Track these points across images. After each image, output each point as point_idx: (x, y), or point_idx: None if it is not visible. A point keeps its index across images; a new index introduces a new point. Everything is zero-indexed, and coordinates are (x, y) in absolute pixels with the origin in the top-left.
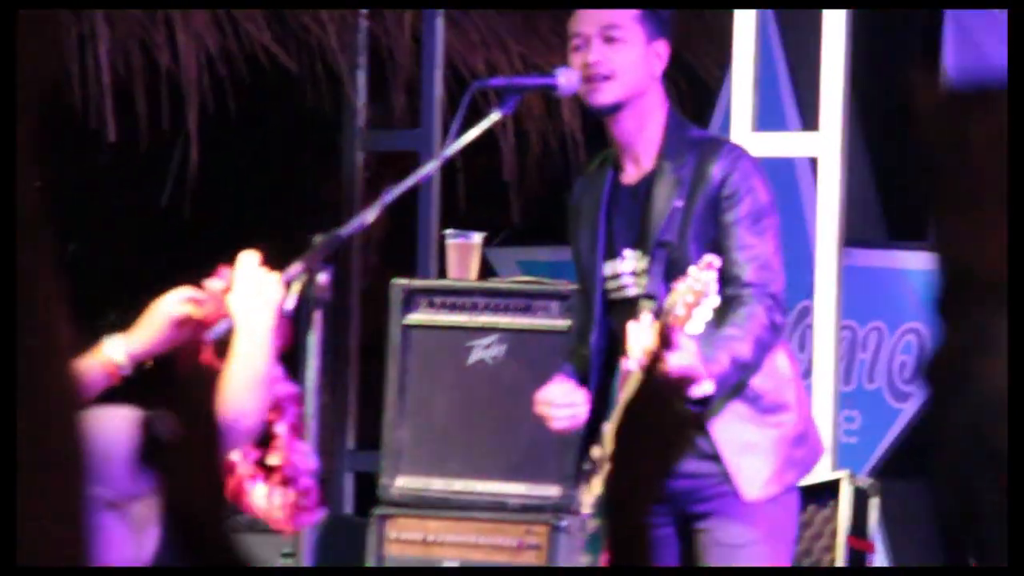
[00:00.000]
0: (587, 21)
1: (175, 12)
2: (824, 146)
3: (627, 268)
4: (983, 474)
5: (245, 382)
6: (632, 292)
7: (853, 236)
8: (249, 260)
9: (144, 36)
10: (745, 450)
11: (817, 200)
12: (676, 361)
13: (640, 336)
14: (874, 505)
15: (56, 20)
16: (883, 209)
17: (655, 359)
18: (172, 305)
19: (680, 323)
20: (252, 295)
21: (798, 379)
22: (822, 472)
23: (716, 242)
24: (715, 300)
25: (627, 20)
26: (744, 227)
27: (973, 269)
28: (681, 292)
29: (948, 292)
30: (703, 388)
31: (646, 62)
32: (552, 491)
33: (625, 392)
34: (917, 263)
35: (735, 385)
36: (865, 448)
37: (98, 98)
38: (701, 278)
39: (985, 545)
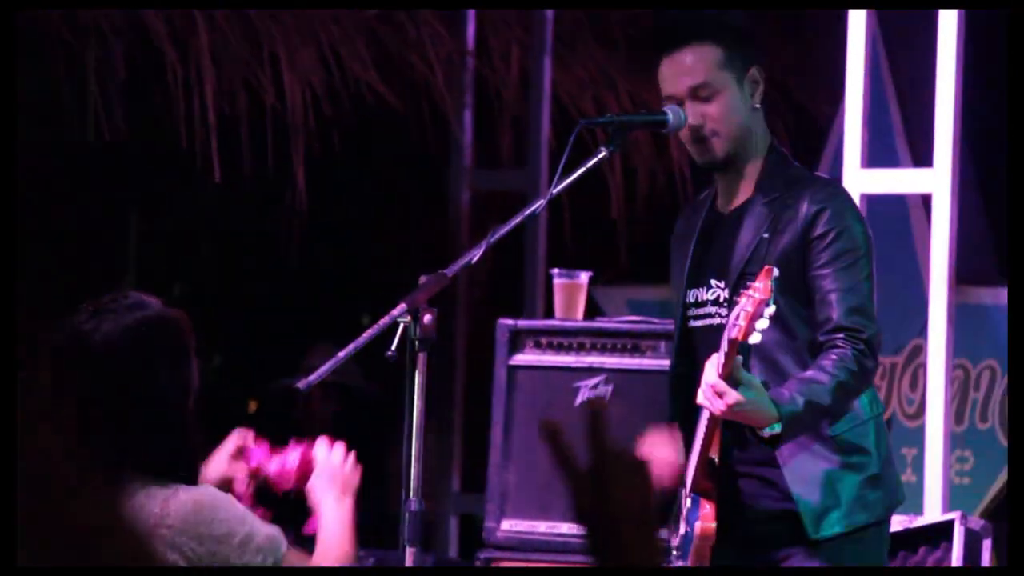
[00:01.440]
0: (674, 84)
1: (280, 51)
2: (937, 182)
3: (711, 296)
4: None
5: (339, 555)
6: (716, 321)
7: (966, 274)
8: (335, 455)
9: (249, 76)
10: (812, 487)
11: (930, 237)
12: (733, 399)
13: (709, 370)
14: (987, 547)
15: None
16: (995, 246)
17: (719, 395)
18: (234, 454)
19: (741, 335)
20: (335, 486)
21: (878, 421)
22: (934, 513)
23: (808, 282)
24: (772, 308)
25: (712, 72)
26: (836, 268)
27: None
28: (741, 304)
29: None
30: (772, 428)
31: (744, 102)
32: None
33: (700, 432)
34: None
35: (808, 427)
36: (978, 489)
37: (204, 138)
38: (759, 287)
39: None
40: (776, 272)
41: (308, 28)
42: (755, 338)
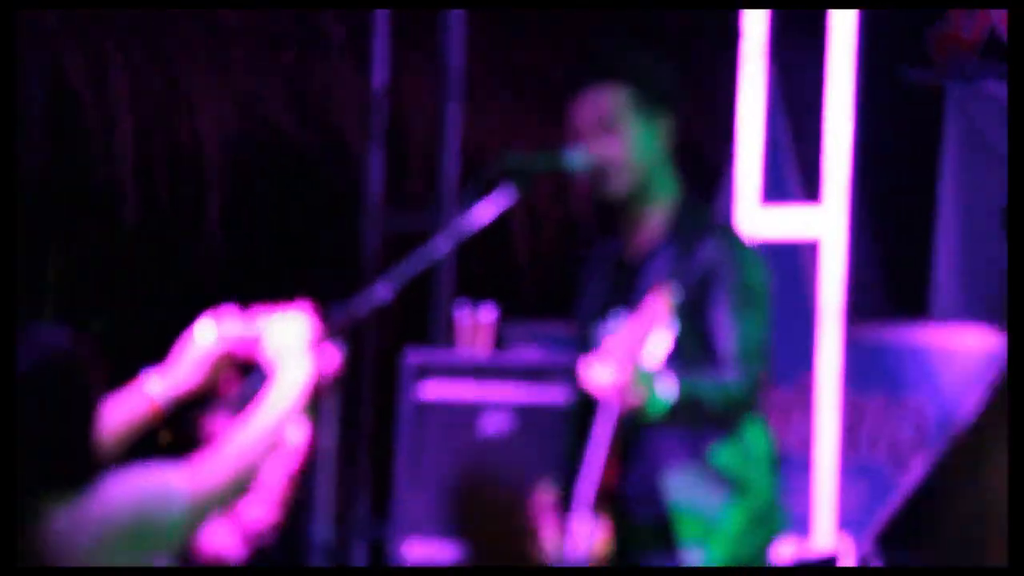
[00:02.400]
0: (581, 115)
1: (197, 96)
2: (827, 221)
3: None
4: None
5: (264, 433)
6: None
7: (856, 310)
8: (297, 311)
9: (165, 120)
10: (696, 523)
11: (820, 274)
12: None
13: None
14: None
15: None
16: (885, 283)
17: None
18: (207, 342)
19: (638, 347)
20: (295, 342)
21: (770, 456)
22: (825, 539)
23: (705, 322)
24: (674, 326)
25: (619, 108)
26: (733, 309)
27: None
28: (639, 317)
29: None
30: (658, 403)
31: (649, 142)
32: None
33: (597, 453)
34: (918, 339)
35: (690, 416)
36: (867, 517)
37: (121, 178)
38: (660, 302)
39: None
40: (677, 292)
41: (223, 69)
42: (654, 356)
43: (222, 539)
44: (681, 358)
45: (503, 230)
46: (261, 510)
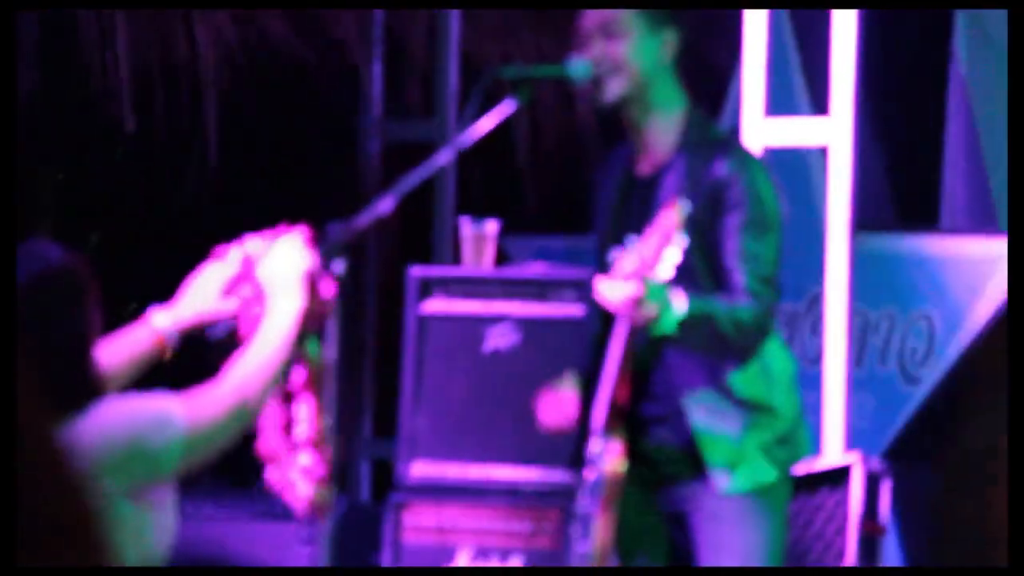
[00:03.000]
0: (587, 17)
1: (193, 8)
2: (834, 132)
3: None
4: None
5: (261, 366)
6: None
7: (864, 220)
8: (292, 236)
9: (162, 30)
10: (721, 446)
11: (828, 186)
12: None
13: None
14: (886, 487)
15: None
16: (893, 193)
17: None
18: (215, 274)
19: (650, 264)
20: (288, 272)
21: (789, 379)
22: (834, 456)
23: (716, 244)
24: (684, 240)
25: (624, 13)
26: (745, 234)
27: None
28: (650, 234)
29: None
30: (670, 308)
31: (650, 52)
32: (565, 476)
33: (609, 374)
34: (927, 248)
35: (705, 334)
36: (877, 432)
37: (117, 90)
38: (670, 217)
39: None
40: (686, 207)
41: None
42: (666, 272)
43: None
44: (690, 276)
45: (505, 141)
46: (310, 457)
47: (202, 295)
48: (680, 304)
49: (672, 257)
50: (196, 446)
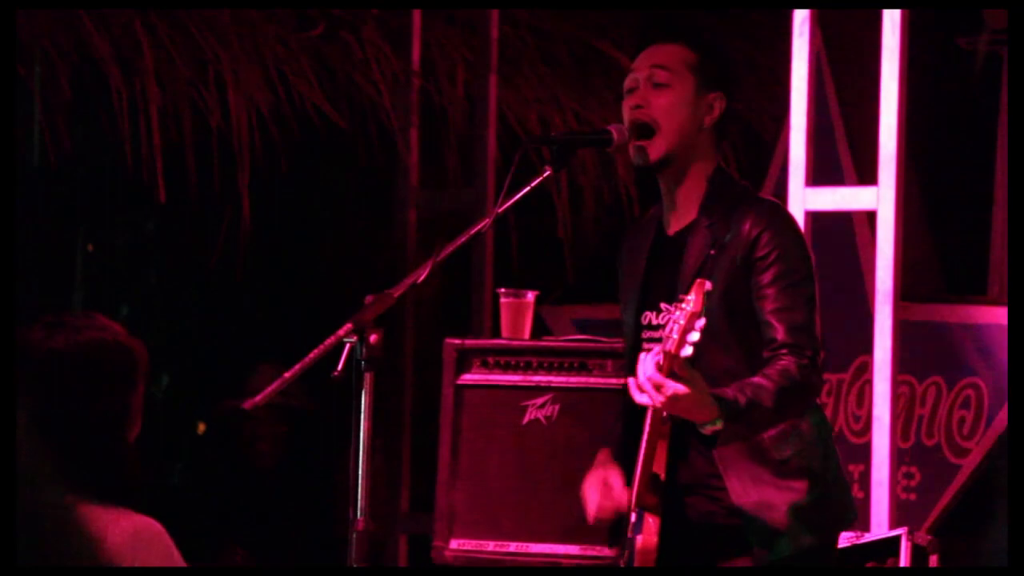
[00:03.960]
0: (640, 63)
1: (225, 71)
2: (881, 200)
3: (663, 321)
4: None
5: None
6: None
7: (911, 290)
8: None
9: (195, 96)
10: (760, 511)
11: (875, 254)
12: (672, 390)
13: (647, 364)
14: (933, 562)
15: None
16: (941, 263)
17: (657, 388)
18: None
19: (675, 348)
20: None
21: (826, 443)
22: (880, 529)
23: (751, 303)
24: (703, 321)
25: (678, 64)
26: (778, 288)
27: None
28: (674, 317)
29: None
30: (713, 424)
31: (695, 112)
32: (606, 551)
33: (643, 445)
34: (975, 317)
35: (749, 426)
36: (924, 504)
37: (149, 159)
38: (691, 299)
39: None
40: (708, 286)
41: (253, 48)
42: (687, 351)
43: None
44: (715, 337)
45: (543, 210)
46: None
47: None
48: (722, 411)
49: (693, 338)
50: None
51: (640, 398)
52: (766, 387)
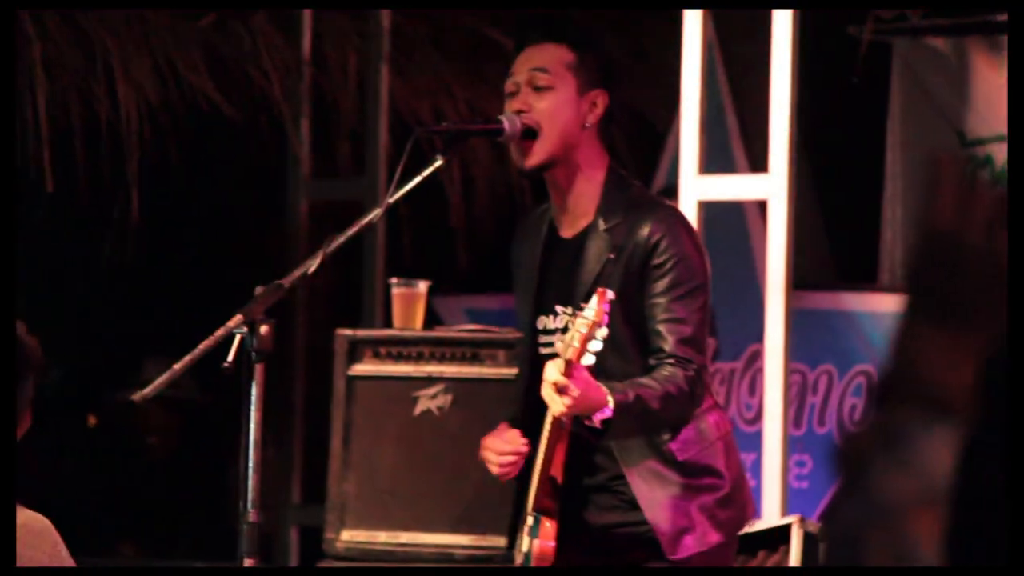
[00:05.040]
0: (519, 67)
1: (115, 62)
2: (773, 188)
3: (559, 325)
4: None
5: None
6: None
7: (802, 279)
8: None
9: (83, 87)
10: (665, 511)
11: (767, 243)
12: (576, 392)
13: (551, 370)
14: (824, 550)
15: None
16: (832, 251)
17: (561, 392)
18: None
19: (576, 356)
20: None
21: (727, 441)
22: (772, 517)
23: (642, 309)
24: (605, 331)
25: (557, 66)
26: (670, 299)
27: (924, 381)
28: (576, 326)
29: (889, 385)
30: (602, 412)
31: (577, 112)
32: (499, 541)
33: (540, 449)
34: (866, 305)
35: (636, 422)
36: (816, 492)
37: (37, 149)
38: (593, 309)
39: None
40: (611, 295)
41: (143, 37)
42: (587, 359)
43: None
44: (614, 345)
45: (435, 200)
46: None
47: None
48: (616, 410)
49: (594, 347)
50: None
51: (548, 400)
52: (653, 388)
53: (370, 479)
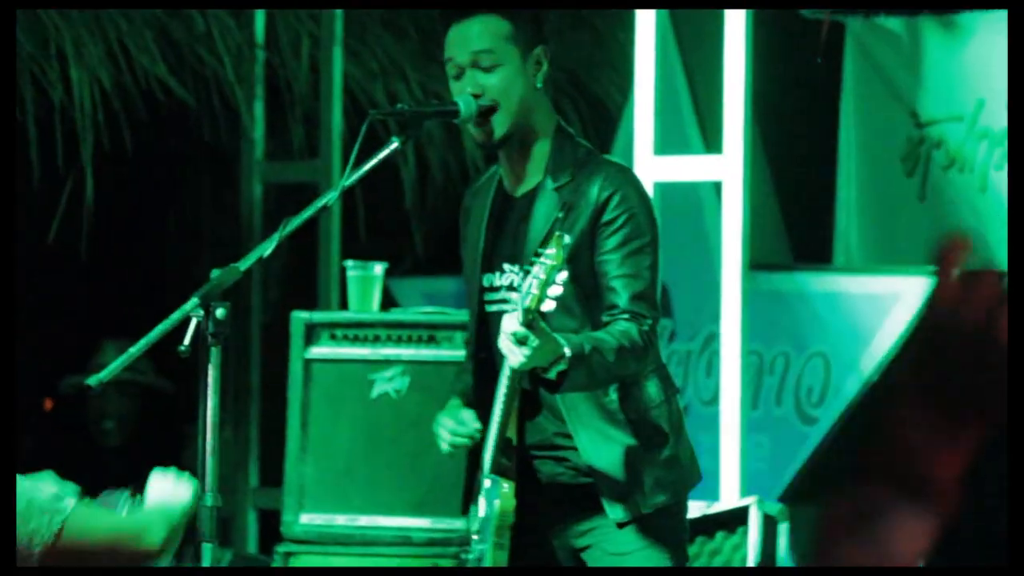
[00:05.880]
0: (459, 50)
1: (68, 46)
2: (727, 169)
3: (505, 282)
4: None
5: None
6: (511, 307)
7: (758, 259)
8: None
9: (36, 71)
10: (611, 471)
11: (722, 224)
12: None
13: (508, 321)
14: (783, 531)
15: None
16: (788, 231)
17: (520, 343)
18: None
19: (535, 303)
20: (163, 509)
21: (672, 404)
22: (731, 499)
23: (594, 265)
24: (565, 274)
25: (497, 42)
26: (623, 255)
27: (907, 465)
28: (533, 271)
29: (869, 460)
30: (557, 365)
31: (527, 77)
32: (457, 524)
33: (496, 411)
34: (821, 286)
35: (590, 375)
36: (774, 473)
37: None
38: (551, 253)
39: None
40: (568, 239)
41: (95, 21)
42: (548, 306)
43: None
44: (562, 301)
45: (390, 182)
46: None
47: None
48: (571, 359)
49: (554, 293)
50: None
51: (505, 351)
52: (608, 341)
53: (328, 462)
